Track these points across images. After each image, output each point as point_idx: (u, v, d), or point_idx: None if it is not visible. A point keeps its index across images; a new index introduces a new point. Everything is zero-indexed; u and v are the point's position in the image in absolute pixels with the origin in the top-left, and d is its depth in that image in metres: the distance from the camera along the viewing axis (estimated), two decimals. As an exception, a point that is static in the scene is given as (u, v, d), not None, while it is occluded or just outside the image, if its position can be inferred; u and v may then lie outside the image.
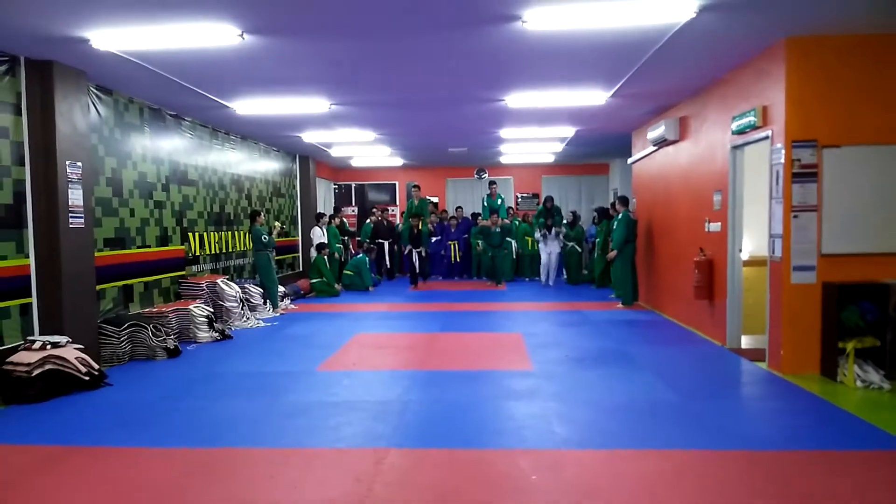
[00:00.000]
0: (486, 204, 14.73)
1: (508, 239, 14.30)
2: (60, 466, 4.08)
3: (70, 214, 6.34)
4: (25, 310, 6.07)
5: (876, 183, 5.97)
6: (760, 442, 4.32)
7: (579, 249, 14.30)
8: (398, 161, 16.20)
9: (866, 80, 5.97)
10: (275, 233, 10.69)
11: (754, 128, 6.60)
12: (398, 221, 16.53)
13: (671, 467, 3.92)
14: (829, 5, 5.20)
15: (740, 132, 6.93)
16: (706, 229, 8.00)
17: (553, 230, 13.56)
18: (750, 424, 4.76)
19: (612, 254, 10.66)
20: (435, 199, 17.85)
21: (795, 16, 5.44)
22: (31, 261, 6.13)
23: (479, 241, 14.11)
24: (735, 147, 7.21)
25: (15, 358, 5.60)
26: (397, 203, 18.15)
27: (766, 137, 6.39)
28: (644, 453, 4.14)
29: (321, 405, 5.27)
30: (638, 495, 3.55)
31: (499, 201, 14.71)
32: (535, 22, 5.32)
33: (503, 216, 14.25)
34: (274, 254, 10.58)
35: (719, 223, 7.62)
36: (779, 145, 6.16)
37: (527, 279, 15.26)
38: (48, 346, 5.71)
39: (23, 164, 6.07)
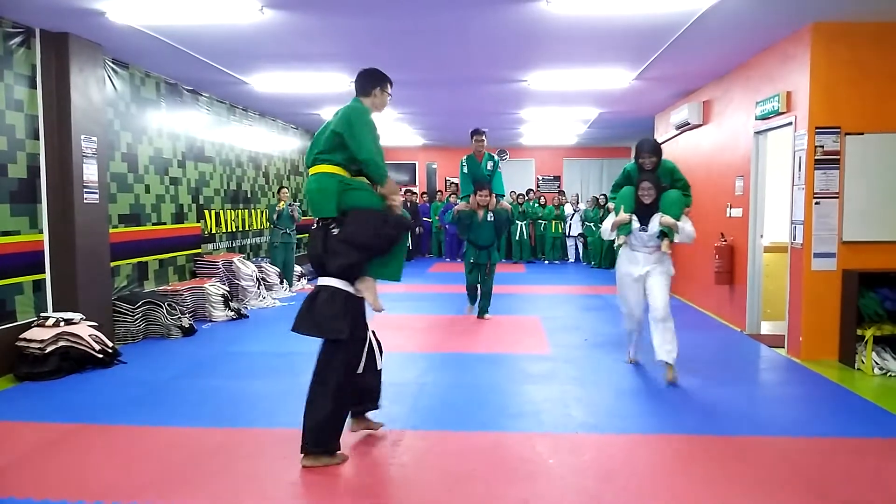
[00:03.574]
0: (465, 170, 8.04)
1: (521, 219, 13.62)
2: (73, 444, 4.04)
3: (84, 189, 6.28)
4: (39, 286, 6.04)
5: None
6: (777, 428, 4.31)
7: None
8: (419, 141, 16.06)
9: (893, 68, 5.91)
10: (277, 210, 10.40)
11: (778, 113, 6.54)
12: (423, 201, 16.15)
13: (688, 452, 3.90)
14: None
15: (764, 117, 6.86)
16: (727, 214, 7.95)
17: (653, 221, 5.29)
18: (767, 410, 4.77)
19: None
20: (456, 180, 17.66)
21: (823, 1, 5.34)
22: (45, 236, 6.08)
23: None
24: (758, 132, 7.14)
25: (28, 335, 5.58)
26: (416, 183, 17.98)
27: (790, 123, 6.35)
28: (661, 438, 4.12)
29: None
30: (654, 479, 3.52)
31: (489, 164, 8.03)
32: (557, 2, 5.24)
33: (499, 191, 8.02)
34: (281, 231, 10.38)
35: (741, 209, 7.57)
36: (802, 131, 6.10)
37: (546, 261, 15.22)
38: (62, 323, 5.69)
39: (37, 138, 6.01)
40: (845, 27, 5.86)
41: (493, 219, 7.84)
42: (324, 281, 3.71)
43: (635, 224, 5.32)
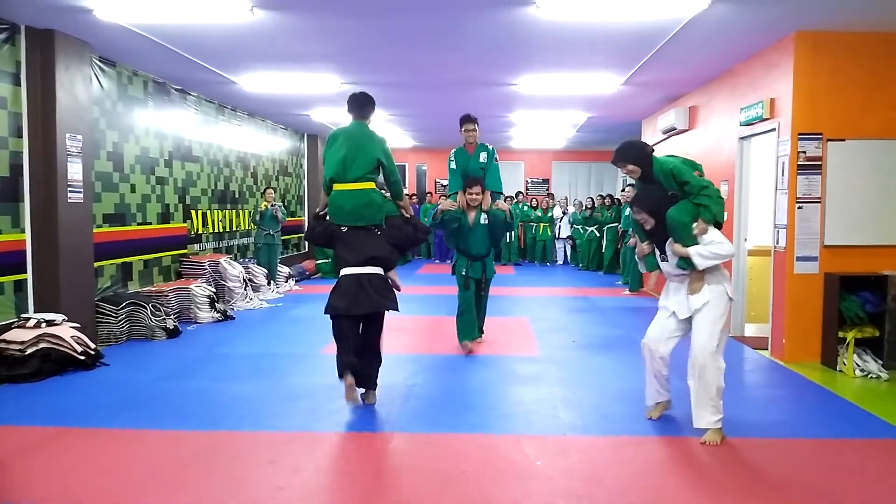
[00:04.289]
0: (454, 165, 6.48)
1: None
2: (54, 448, 3.98)
3: (69, 189, 6.21)
4: (20, 286, 5.97)
5: (878, 176, 6.08)
6: (762, 429, 4.34)
7: (598, 235, 14.00)
8: (409, 142, 16.05)
9: (874, 76, 6.04)
10: (260, 211, 10.48)
11: (762, 119, 6.62)
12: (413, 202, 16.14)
13: (674, 454, 3.92)
14: (839, 2, 5.21)
15: (748, 123, 6.95)
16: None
17: (669, 248, 4.20)
18: (752, 412, 4.78)
19: (632, 240, 10.44)
20: (445, 182, 17.69)
21: (806, 10, 5.44)
22: (27, 236, 6.02)
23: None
24: (742, 138, 7.24)
25: (8, 336, 5.51)
26: (406, 185, 17.97)
27: (773, 129, 6.44)
28: (648, 440, 4.14)
29: (325, 388, 5.17)
30: (641, 481, 3.53)
31: (482, 156, 6.44)
32: (547, 8, 5.28)
33: (496, 188, 6.50)
34: (265, 232, 10.40)
35: (725, 212, 7.51)
36: (785, 137, 6.19)
37: (536, 263, 15.28)
38: (43, 325, 5.62)
39: (21, 136, 5.94)
40: (827, 36, 5.96)
41: (487, 221, 6.33)
42: (367, 269, 4.50)
43: (658, 254, 4.28)
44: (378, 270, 4.57)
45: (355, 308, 4.43)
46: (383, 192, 4.81)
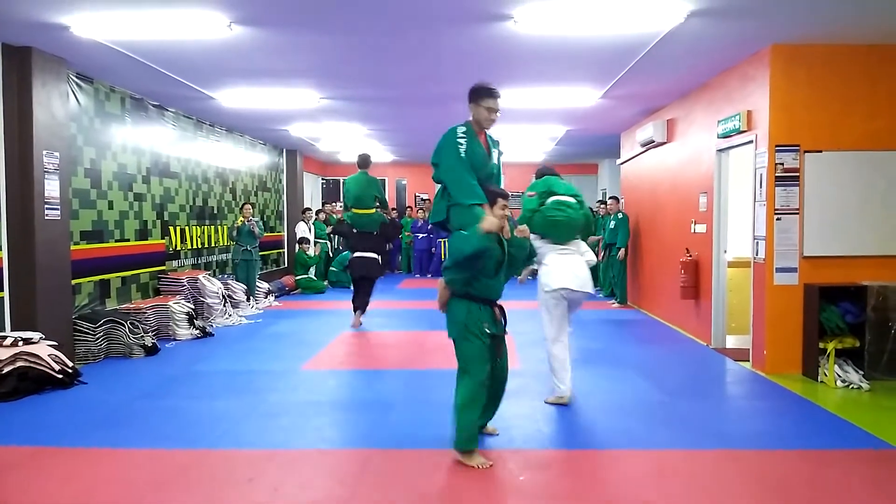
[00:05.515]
0: (462, 152, 4.60)
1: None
2: (31, 468, 3.92)
3: (46, 206, 6.15)
4: (-4, 304, 5.89)
5: (856, 187, 6.14)
6: (744, 441, 4.36)
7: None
8: (388, 157, 16.06)
9: (849, 88, 6.12)
10: (236, 226, 10.45)
11: (739, 132, 6.69)
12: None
13: (657, 467, 3.92)
14: (814, 15, 5.28)
15: (726, 136, 7.03)
16: (692, 230, 8.07)
17: None
18: (734, 424, 4.81)
19: (622, 252, 10.52)
20: (425, 196, 17.77)
21: (781, 24, 5.52)
22: (4, 253, 5.93)
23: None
24: (720, 150, 7.31)
25: (-16, 354, 5.41)
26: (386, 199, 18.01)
27: (751, 141, 6.51)
28: (630, 453, 4.14)
29: (305, 405, 5.15)
30: (624, 495, 3.53)
31: (494, 155, 5.01)
32: (524, 23, 5.32)
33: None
34: (242, 248, 10.36)
35: (705, 224, 7.70)
36: (763, 149, 6.25)
37: (517, 277, 15.28)
38: (20, 343, 5.53)
39: (-4, 153, 5.88)
40: (803, 49, 6.04)
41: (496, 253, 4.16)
42: (367, 254, 8.39)
43: None
44: (374, 255, 8.38)
45: (367, 274, 8.37)
46: (377, 205, 8.55)
